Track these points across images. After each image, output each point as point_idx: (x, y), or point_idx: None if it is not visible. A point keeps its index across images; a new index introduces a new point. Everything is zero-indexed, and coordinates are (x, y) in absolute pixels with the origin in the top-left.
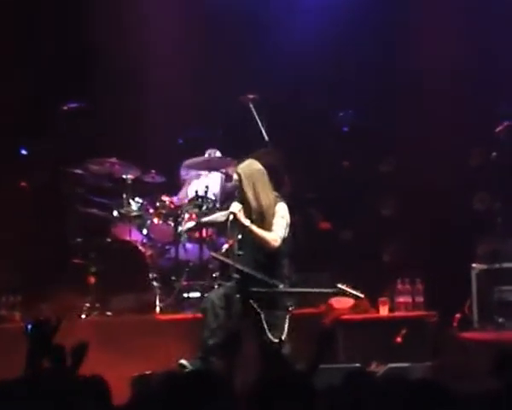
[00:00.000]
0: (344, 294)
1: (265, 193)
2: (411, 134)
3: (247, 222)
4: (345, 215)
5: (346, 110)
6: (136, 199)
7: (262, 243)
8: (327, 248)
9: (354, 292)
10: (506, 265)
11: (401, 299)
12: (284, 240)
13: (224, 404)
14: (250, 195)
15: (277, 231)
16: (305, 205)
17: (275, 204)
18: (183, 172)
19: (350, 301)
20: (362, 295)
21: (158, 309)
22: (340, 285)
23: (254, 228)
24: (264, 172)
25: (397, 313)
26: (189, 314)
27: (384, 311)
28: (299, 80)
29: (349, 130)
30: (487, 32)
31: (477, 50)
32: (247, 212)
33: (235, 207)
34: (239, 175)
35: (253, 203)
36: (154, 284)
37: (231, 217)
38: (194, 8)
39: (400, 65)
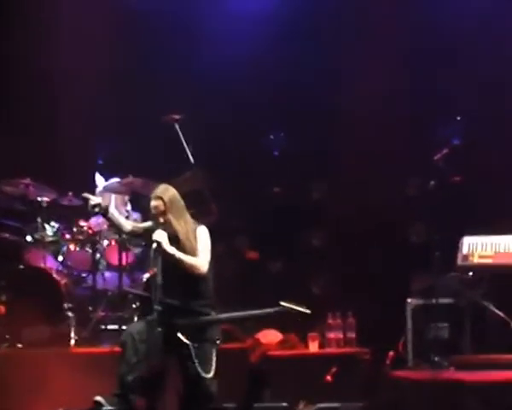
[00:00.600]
0: (288, 312)
1: (185, 218)
2: (345, 161)
3: (172, 250)
4: (274, 245)
5: (276, 133)
6: (52, 223)
7: (189, 270)
8: (254, 280)
9: (299, 308)
10: (442, 301)
11: (332, 334)
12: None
13: None
14: (173, 221)
15: (204, 256)
16: (232, 233)
17: (194, 229)
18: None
19: (278, 336)
20: (308, 311)
21: (73, 342)
22: (283, 303)
23: (182, 255)
24: (178, 196)
25: (327, 350)
26: (106, 348)
27: (314, 347)
28: (228, 101)
29: (279, 154)
30: (424, 57)
31: (414, 76)
32: (168, 239)
33: (160, 235)
34: (162, 200)
35: (176, 229)
36: (69, 314)
37: (154, 245)
38: (116, 18)
39: (335, 89)
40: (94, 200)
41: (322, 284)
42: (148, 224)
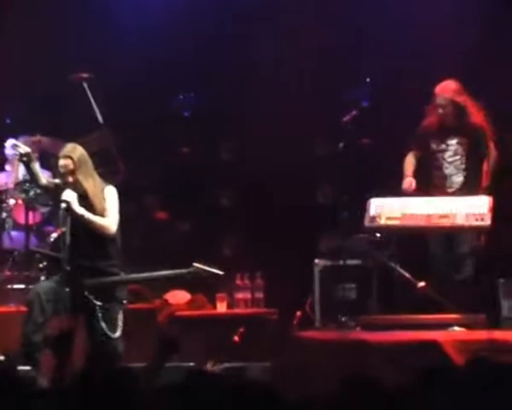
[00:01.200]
0: (201, 273)
1: (94, 177)
2: (254, 120)
3: (81, 211)
4: (183, 205)
5: (186, 93)
6: None
7: (99, 231)
8: (163, 240)
9: (212, 269)
10: (350, 262)
11: (240, 295)
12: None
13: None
14: (82, 180)
15: (112, 216)
16: (141, 193)
17: (103, 188)
18: (8, 152)
19: (186, 297)
20: (221, 272)
21: None
22: (196, 264)
23: (90, 216)
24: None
25: (235, 310)
26: (12, 307)
27: (222, 307)
28: (137, 60)
29: (190, 114)
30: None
31: (324, 34)
32: (78, 198)
33: (69, 195)
34: (71, 159)
35: (85, 188)
36: None
37: (63, 205)
38: None
39: (243, 46)
40: (24, 149)
41: (230, 244)
42: (59, 181)
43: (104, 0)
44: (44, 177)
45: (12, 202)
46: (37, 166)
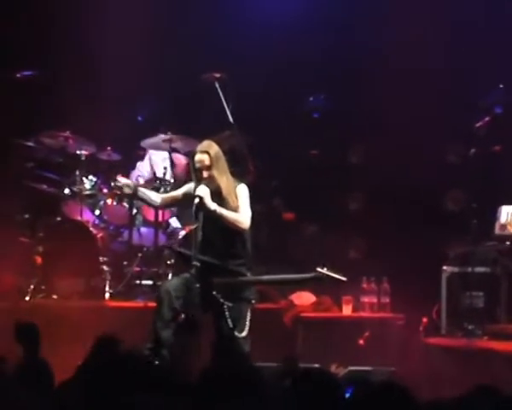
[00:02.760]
0: (324, 278)
1: (228, 175)
2: (385, 125)
3: (214, 206)
4: (310, 207)
5: (317, 95)
6: (90, 177)
7: (232, 226)
8: (290, 240)
9: (336, 275)
10: (478, 269)
11: (366, 299)
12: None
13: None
14: (217, 176)
15: (246, 212)
16: (270, 194)
17: (235, 187)
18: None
19: (312, 298)
20: (344, 279)
21: (107, 295)
22: (319, 269)
23: (224, 211)
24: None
25: (361, 313)
26: (140, 302)
27: (347, 310)
28: (269, 62)
29: (320, 116)
30: (469, 18)
31: (460, 41)
32: (211, 195)
33: (203, 190)
34: (208, 154)
35: (220, 185)
36: (105, 268)
37: (196, 200)
38: None
39: (375, 51)
40: (124, 185)
41: (357, 247)
42: (182, 191)
43: (238, 1)
44: (158, 196)
45: None
46: (146, 193)
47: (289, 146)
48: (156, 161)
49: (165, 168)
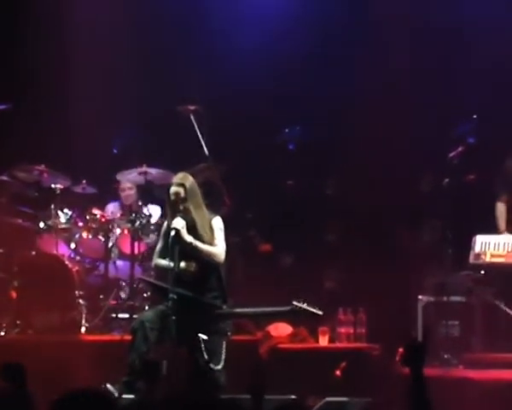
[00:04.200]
0: (300, 312)
1: (203, 208)
2: (358, 155)
3: (190, 238)
4: (286, 238)
5: (292, 126)
6: (65, 210)
7: (207, 259)
8: (266, 272)
9: (312, 309)
10: (454, 298)
11: (342, 329)
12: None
13: None
14: (192, 209)
15: (221, 245)
16: (245, 226)
17: (210, 219)
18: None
19: (288, 329)
20: (320, 313)
21: (83, 329)
22: (295, 302)
23: (199, 244)
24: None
25: (337, 344)
26: (116, 336)
27: (324, 341)
28: (243, 94)
29: (295, 147)
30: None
31: (432, 72)
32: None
33: (179, 222)
34: (183, 187)
35: (196, 217)
36: (81, 301)
37: (173, 233)
38: (133, 5)
39: (348, 81)
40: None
41: (333, 278)
42: (164, 236)
43: (211, 32)
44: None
45: (118, 231)
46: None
47: (265, 177)
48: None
49: (140, 201)
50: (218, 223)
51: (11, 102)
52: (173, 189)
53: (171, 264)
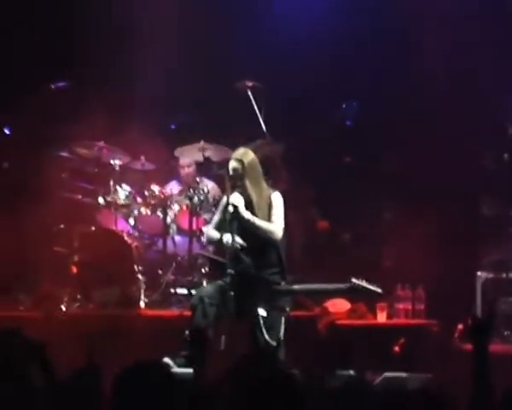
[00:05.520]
0: (360, 290)
1: (261, 185)
2: (418, 131)
3: (247, 215)
4: (344, 215)
5: (349, 102)
6: (124, 186)
7: (265, 236)
8: (324, 249)
9: (372, 287)
10: None
11: (401, 305)
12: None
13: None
14: (250, 185)
15: (278, 221)
16: (303, 203)
17: (269, 195)
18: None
19: (346, 305)
20: (380, 291)
21: (143, 304)
22: (355, 280)
23: (257, 220)
24: (257, 161)
25: (396, 320)
26: (175, 311)
27: (382, 317)
28: (301, 69)
29: (352, 124)
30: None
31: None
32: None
33: (236, 198)
34: (241, 163)
35: (252, 194)
36: (140, 277)
37: (231, 209)
38: None
39: (407, 52)
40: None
41: (391, 255)
42: (220, 211)
43: (267, 8)
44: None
45: (176, 207)
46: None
47: (322, 154)
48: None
49: (199, 177)
50: (276, 199)
51: (71, 80)
52: (231, 164)
53: (219, 236)
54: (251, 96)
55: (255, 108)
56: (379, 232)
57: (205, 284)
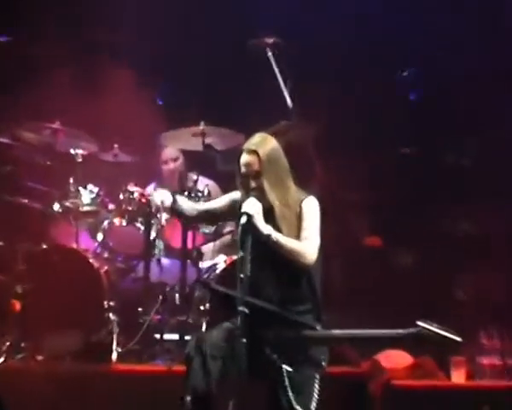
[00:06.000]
0: (427, 337)
1: (287, 185)
2: (506, 112)
3: (267, 229)
4: (403, 228)
5: (410, 68)
6: (89, 187)
7: (291, 259)
8: (375, 277)
9: (445, 333)
10: None
11: (486, 360)
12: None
13: None
14: (270, 186)
15: (312, 239)
16: (345, 210)
17: (300, 200)
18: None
19: (407, 359)
20: (459, 339)
21: (115, 356)
22: (421, 323)
23: (281, 237)
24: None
25: (479, 382)
26: (161, 366)
27: (459, 377)
28: (342, 22)
29: (418, 98)
30: None
31: None
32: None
33: (252, 206)
34: (257, 156)
35: (274, 199)
36: (111, 316)
37: (243, 220)
38: None
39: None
40: (155, 199)
41: (470, 286)
42: (225, 200)
43: None
44: (195, 206)
45: (164, 216)
46: (180, 204)
47: (372, 141)
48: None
49: (196, 174)
50: (309, 206)
51: (14, 35)
52: (244, 158)
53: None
54: (271, 59)
55: (277, 75)
56: (453, 253)
57: (204, 327)
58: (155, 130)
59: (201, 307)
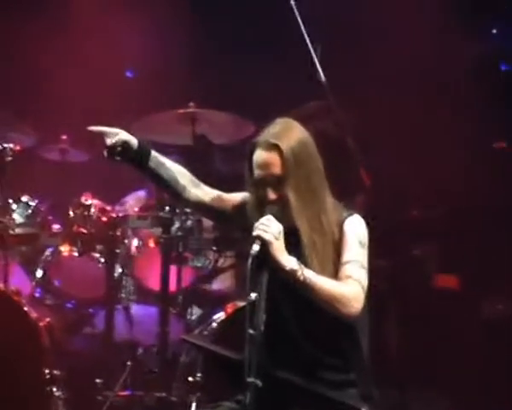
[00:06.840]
0: None
1: (320, 195)
2: None
3: (291, 263)
4: (492, 261)
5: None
6: (24, 199)
7: (328, 308)
8: (451, 332)
9: None
10: None
11: None
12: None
13: None
14: (297, 198)
15: (357, 279)
16: (404, 235)
17: (341, 220)
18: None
19: None
20: None
21: None
22: None
23: (312, 276)
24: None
25: None
26: None
27: None
28: None
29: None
30: None
31: None
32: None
33: (270, 227)
34: (279, 153)
35: (301, 218)
36: (55, 391)
37: (255, 248)
38: None
39: None
40: (110, 136)
41: None
42: (239, 198)
43: None
44: (190, 178)
45: (135, 243)
46: (157, 160)
47: (448, 133)
48: None
49: None
50: (355, 230)
51: None
52: (261, 156)
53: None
54: (295, 11)
55: (304, 34)
56: None
57: (194, 407)
58: (123, 114)
59: (190, 379)
